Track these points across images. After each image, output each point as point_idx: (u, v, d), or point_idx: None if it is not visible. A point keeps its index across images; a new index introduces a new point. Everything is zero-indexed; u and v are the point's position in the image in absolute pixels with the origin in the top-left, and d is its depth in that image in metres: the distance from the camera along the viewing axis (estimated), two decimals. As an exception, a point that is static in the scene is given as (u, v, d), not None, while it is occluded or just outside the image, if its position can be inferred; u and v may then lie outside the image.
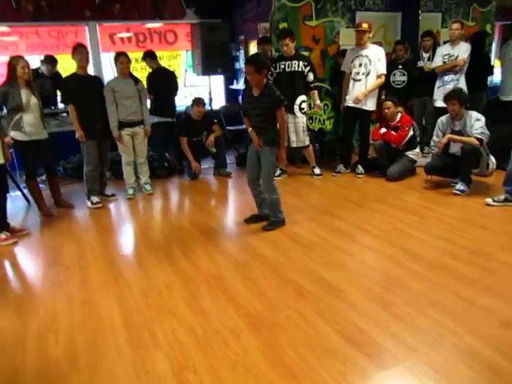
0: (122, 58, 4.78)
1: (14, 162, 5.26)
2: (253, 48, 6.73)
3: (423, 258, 3.17)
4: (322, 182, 5.30)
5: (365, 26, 4.94)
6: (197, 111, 5.60)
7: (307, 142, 5.32)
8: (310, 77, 5.14)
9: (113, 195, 5.08)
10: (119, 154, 5.05)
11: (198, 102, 5.63)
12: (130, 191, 5.05)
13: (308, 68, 5.11)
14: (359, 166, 5.34)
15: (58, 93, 5.66)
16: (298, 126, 5.18)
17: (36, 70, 5.66)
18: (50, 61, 5.82)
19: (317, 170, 5.43)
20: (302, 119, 5.20)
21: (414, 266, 3.06)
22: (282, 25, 6.03)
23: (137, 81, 4.93)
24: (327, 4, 6.27)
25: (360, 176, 5.29)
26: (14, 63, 4.17)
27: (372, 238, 3.60)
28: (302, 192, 4.95)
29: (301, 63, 5.09)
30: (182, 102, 6.85)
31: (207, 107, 5.96)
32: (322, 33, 6.32)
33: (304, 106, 5.19)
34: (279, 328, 2.40)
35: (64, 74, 5.57)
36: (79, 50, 4.52)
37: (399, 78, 5.94)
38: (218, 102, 7.32)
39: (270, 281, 2.94)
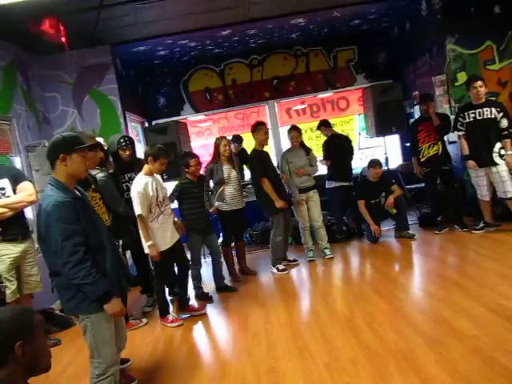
0: (292, 133, 5.12)
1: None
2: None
3: None
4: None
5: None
6: (373, 173, 5.53)
7: None
8: (504, 123, 4.72)
9: (295, 260, 5.24)
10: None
11: (374, 163, 5.57)
12: (310, 254, 5.18)
13: (501, 114, 4.71)
14: None
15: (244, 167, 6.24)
16: (502, 175, 4.70)
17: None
18: (237, 139, 6.50)
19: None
20: (504, 167, 4.72)
21: None
22: (460, 74, 5.68)
23: (308, 151, 5.14)
24: (511, 43, 5.69)
25: None
26: (217, 143, 4.83)
27: None
28: (500, 253, 4.29)
29: (493, 109, 4.74)
30: (358, 164, 6.86)
31: (384, 167, 5.82)
32: (509, 75, 5.70)
33: (503, 152, 4.72)
34: (490, 425, 2.01)
35: (248, 150, 6.17)
36: (263, 130, 4.90)
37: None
38: (395, 161, 7.11)
39: (471, 363, 2.52)
